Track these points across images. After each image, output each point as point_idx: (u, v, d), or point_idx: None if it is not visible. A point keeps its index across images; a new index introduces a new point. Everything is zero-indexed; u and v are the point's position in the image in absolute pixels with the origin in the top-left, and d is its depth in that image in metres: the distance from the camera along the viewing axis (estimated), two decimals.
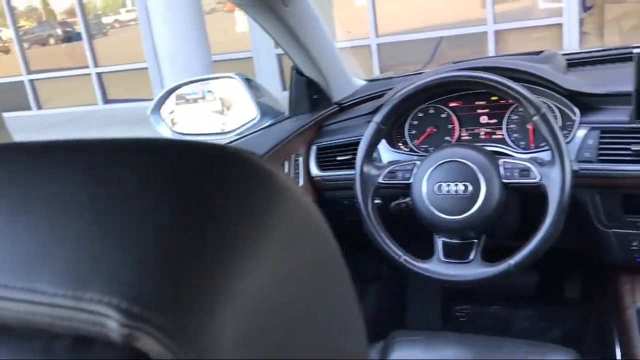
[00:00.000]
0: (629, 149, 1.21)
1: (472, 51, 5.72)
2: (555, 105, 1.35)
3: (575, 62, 1.51)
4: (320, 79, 1.60)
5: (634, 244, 1.28)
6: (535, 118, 1.13)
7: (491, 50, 5.81)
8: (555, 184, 1.12)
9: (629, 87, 1.21)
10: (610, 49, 1.53)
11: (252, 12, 1.39)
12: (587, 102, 1.30)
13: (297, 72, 1.60)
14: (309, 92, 1.62)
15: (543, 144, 1.28)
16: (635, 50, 1.19)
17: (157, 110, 1.53)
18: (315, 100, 1.63)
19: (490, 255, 1.18)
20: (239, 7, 1.45)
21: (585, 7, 5.74)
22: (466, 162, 1.19)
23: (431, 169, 1.22)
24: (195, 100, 1.62)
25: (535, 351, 1.21)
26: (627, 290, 1.29)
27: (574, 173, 1.22)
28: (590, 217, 1.30)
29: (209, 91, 1.62)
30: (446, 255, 1.23)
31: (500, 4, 7.48)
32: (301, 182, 1.53)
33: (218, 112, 1.63)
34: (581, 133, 1.27)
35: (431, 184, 1.21)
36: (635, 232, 1.27)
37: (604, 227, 1.30)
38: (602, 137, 1.25)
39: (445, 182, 1.19)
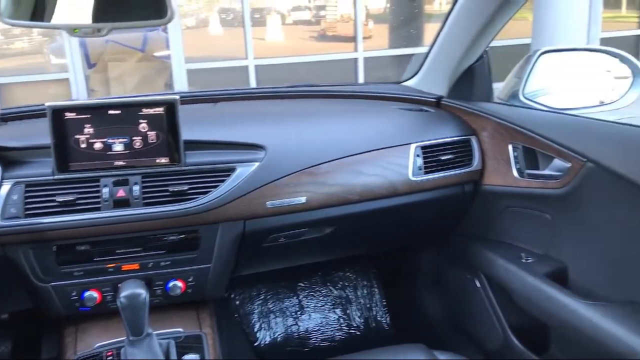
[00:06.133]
0: (55, 201, 1.22)
1: None
2: None
3: (8, 117, 1.46)
4: None
5: (74, 294, 1.29)
6: None
7: None
8: None
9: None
10: (37, 105, 1.49)
11: None
12: (8, 157, 1.25)
13: None
14: None
15: None
16: (48, 104, 1.22)
17: None
18: None
19: None
20: None
21: (89, 64, 5.89)
22: None
23: None
24: None
25: None
26: (70, 341, 1.29)
27: None
28: (27, 274, 1.25)
29: None
30: None
31: (14, 57, 7.15)
32: None
33: None
34: (5, 189, 1.22)
35: None
36: (73, 282, 1.28)
37: (41, 283, 1.26)
38: (27, 191, 1.22)
39: None
